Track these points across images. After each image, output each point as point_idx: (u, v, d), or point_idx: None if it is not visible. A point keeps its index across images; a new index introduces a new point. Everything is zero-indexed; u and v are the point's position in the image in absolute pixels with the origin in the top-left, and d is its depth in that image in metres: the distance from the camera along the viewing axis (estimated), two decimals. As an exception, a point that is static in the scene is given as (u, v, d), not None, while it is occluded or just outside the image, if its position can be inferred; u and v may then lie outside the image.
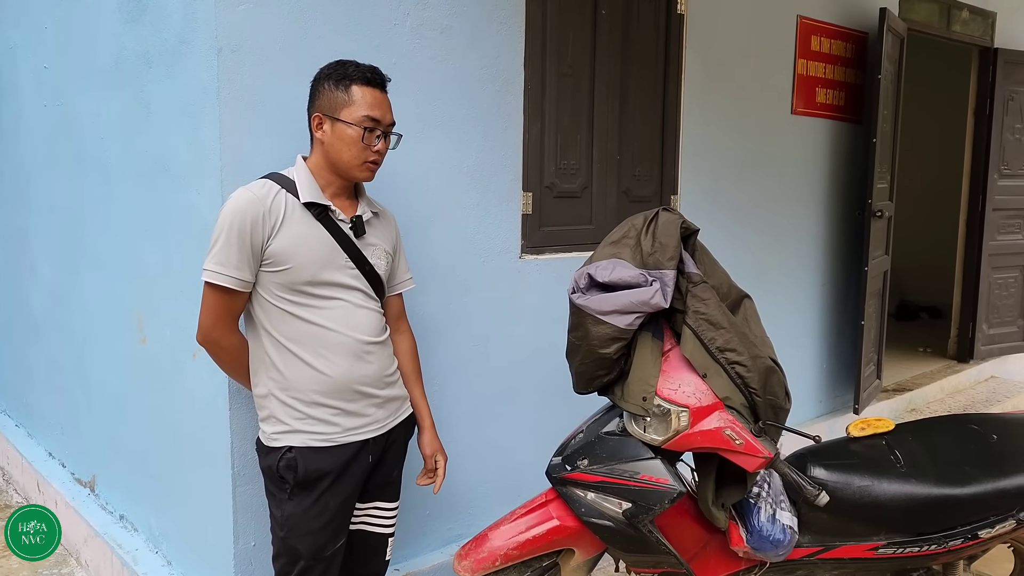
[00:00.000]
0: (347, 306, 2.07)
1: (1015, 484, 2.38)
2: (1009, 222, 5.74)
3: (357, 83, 2.03)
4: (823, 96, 4.28)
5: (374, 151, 2.06)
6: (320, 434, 2.05)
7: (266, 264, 1.99)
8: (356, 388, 2.08)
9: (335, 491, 2.09)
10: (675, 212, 2.30)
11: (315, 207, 2.04)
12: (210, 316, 2.03)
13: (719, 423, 2.16)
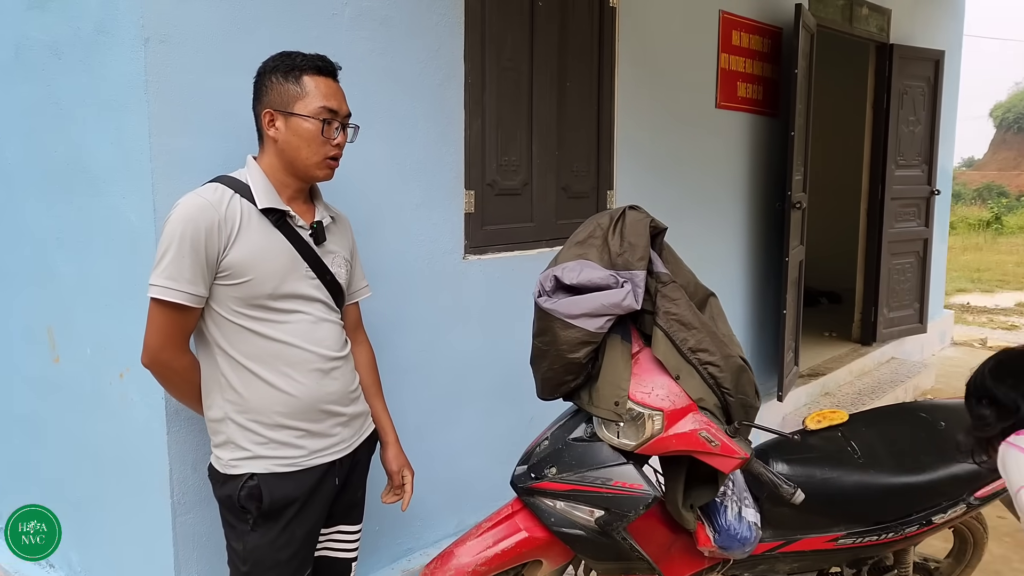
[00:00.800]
0: (310, 319, 1.91)
1: (965, 469, 2.46)
2: (905, 210, 6.02)
3: (308, 73, 1.87)
4: (743, 90, 4.35)
5: (334, 145, 1.90)
6: (284, 459, 1.88)
7: (222, 277, 1.80)
8: (322, 407, 1.93)
9: (302, 519, 1.93)
10: (642, 211, 2.25)
11: (273, 213, 1.86)
12: (159, 336, 1.81)
13: (694, 425, 2.12)
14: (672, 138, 3.93)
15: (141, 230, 2.16)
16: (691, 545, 2.39)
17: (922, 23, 6.22)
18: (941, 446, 2.52)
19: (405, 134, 2.73)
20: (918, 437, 2.57)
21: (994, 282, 14.38)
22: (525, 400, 3.29)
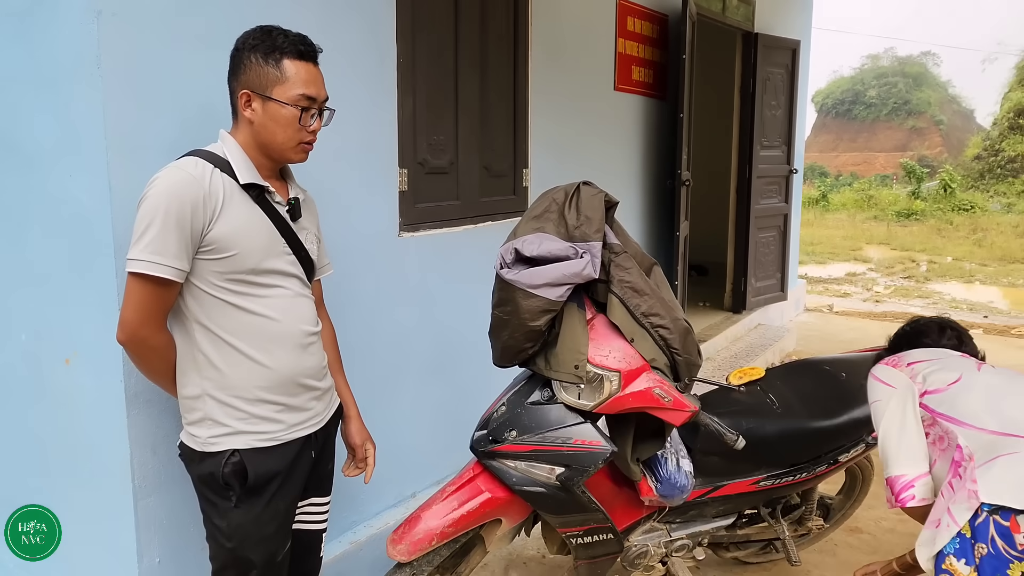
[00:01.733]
0: (289, 294, 1.93)
1: (864, 413, 2.77)
2: (768, 188, 6.53)
3: (289, 56, 1.85)
4: (637, 74, 4.60)
5: (310, 131, 1.90)
6: (265, 433, 1.90)
7: (205, 251, 1.79)
8: (300, 381, 1.96)
9: (284, 492, 1.96)
10: (595, 186, 2.40)
11: (253, 188, 1.87)
12: (138, 312, 1.77)
13: (648, 384, 2.31)
14: (577, 119, 4.12)
15: (94, 209, 2.09)
16: (634, 496, 2.59)
17: (781, 14, 6.73)
18: (844, 394, 2.85)
19: (344, 114, 2.73)
20: (825, 387, 2.89)
21: (826, 255, 15.72)
22: (458, 372, 3.42)
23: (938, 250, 16.24)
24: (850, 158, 38.52)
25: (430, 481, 3.30)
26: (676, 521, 2.78)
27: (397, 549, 2.40)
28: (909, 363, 2.22)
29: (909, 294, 11.39)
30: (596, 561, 2.62)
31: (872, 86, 42.37)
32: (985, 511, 1.84)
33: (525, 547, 3.38)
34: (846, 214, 22.55)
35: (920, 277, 13.25)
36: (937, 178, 24.80)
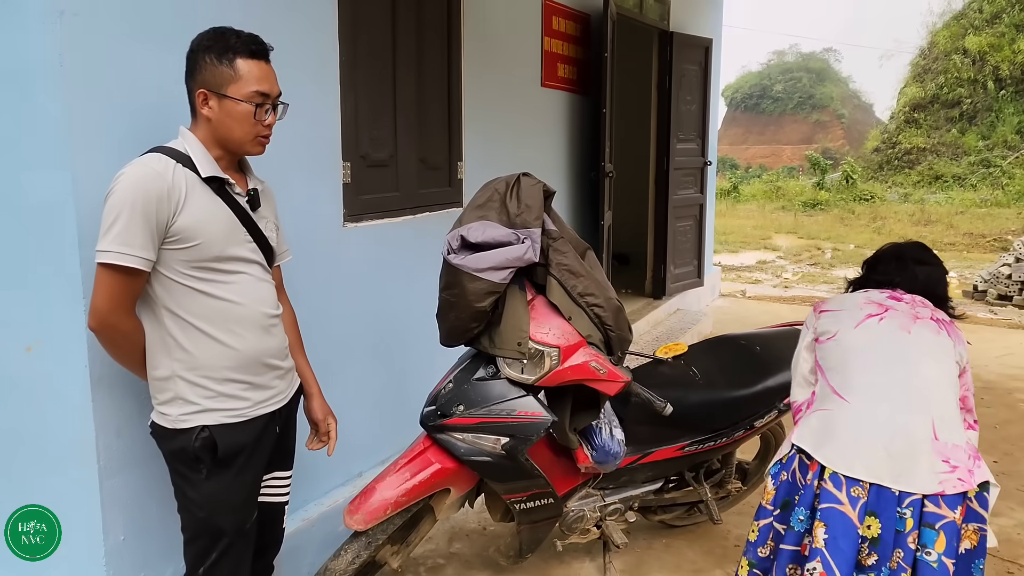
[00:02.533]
0: (251, 279, 2.07)
1: (776, 382, 3.08)
2: (685, 179, 6.86)
3: (242, 56, 1.97)
4: (562, 71, 4.82)
5: (265, 125, 2.03)
6: (232, 410, 2.04)
7: (170, 241, 1.91)
8: (264, 361, 2.10)
9: (251, 465, 2.11)
10: (533, 177, 2.60)
11: (214, 181, 1.99)
12: (109, 300, 1.89)
13: (585, 357, 2.53)
14: (507, 114, 4.31)
15: (57, 202, 2.17)
16: (571, 464, 2.81)
17: (693, 14, 7.06)
18: (758, 366, 3.13)
19: (291, 110, 2.82)
20: (742, 360, 3.17)
21: (737, 243, 16.33)
22: (401, 356, 3.57)
23: (841, 238, 17.08)
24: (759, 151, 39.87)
25: (376, 461, 3.45)
26: (609, 487, 3.01)
27: (354, 519, 2.56)
28: (821, 310, 2.46)
29: (815, 280, 12.01)
30: (537, 524, 2.83)
31: (778, 81, 43.86)
32: (795, 449, 2.18)
33: (467, 521, 3.56)
34: (756, 205, 23.40)
35: (825, 264, 13.95)
36: (840, 170, 25.94)
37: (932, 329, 2.19)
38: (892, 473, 1.99)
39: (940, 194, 23.16)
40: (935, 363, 2.13)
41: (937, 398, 2.08)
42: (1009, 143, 25.02)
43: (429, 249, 3.73)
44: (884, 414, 2.06)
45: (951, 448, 2.01)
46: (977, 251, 15.42)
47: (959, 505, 1.97)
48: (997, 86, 26.15)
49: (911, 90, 29.14)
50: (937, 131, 27.14)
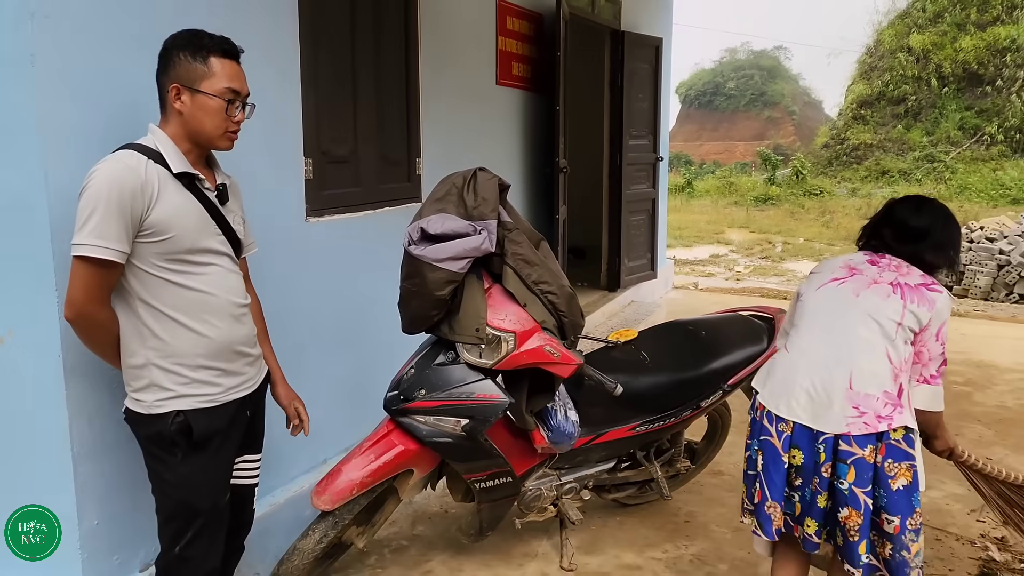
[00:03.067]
0: (221, 271, 2.17)
1: (721, 364, 3.26)
2: (638, 174, 7.05)
3: (215, 55, 2.08)
4: (516, 69, 4.97)
5: (235, 121, 2.14)
6: (206, 395, 2.15)
7: (144, 235, 2.00)
8: (235, 348, 2.20)
9: (226, 447, 2.23)
10: (489, 172, 2.74)
11: (185, 177, 2.09)
12: (84, 292, 1.99)
13: (540, 342, 2.68)
14: (464, 112, 4.44)
15: (30, 197, 2.24)
16: (528, 445, 2.95)
17: (644, 13, 7.25)
18: (704, 349, 3.31)
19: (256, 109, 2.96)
20: (689, 344, 3.34)
21: (691, 238, 16.66)
22: (362, 346, 3.68)
23: (792, 232, 17.52)
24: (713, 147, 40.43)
25: (340, 448, 3.56)
26: (565, 467, 3.16)
27: (321, 499, 2.68)
28: (809, 272, 2.72)
29: (766, 273, 12.35)
30: (497, 503, 2.97)
31: (731, 78, 44.50)
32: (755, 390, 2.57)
33: (429, 504, 3.69)
34: (709, 200, 23.84)
35: (776, 257, 14.33)
36: (790, 165, 26.51)
37: (883, 294, 2.39)
38: (810, 415, 2.35)
39: (887, 189, 23.79)
40: (872, 323, 2.36)
41: (861, 354, 2.35)
42: (952, 139, 25.81)
43: (389, 242, 3.85)
44: (811, 365, 2.41)
45: (863, 397, 2.30)
46: (921, 243, 15.89)
47: (870, 445, 2.28)
48: (940, 83, 26.95)
49: (858, 87, 29.86)
50: (883, 127, 27.87)
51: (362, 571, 3.16)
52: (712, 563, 3.24)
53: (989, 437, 4.58)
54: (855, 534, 2.30)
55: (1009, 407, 5.09)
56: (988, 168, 23.44)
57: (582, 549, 3.32)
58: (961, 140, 25.61)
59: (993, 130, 24.89)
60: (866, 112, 28.63)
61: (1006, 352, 6.29)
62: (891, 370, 2.34)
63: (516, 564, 3.22)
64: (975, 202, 20.58)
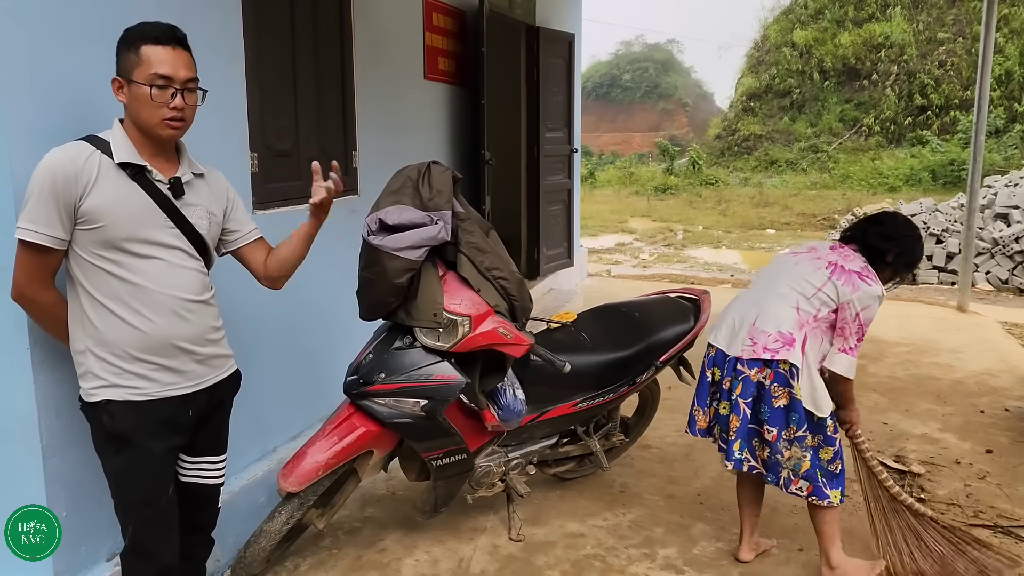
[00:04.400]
0: (165, 264, 2.15)
1: (653, 342, 3.51)
2: (554, 166, 7.28)
3: (146, 43, 2.07)
4: (443, 64, 5.09)
5: (170, 108, 2.09)
6: (137, 389, 2.13)
7: (80, 222, 2.04)
8: (175, 344, 2.17)
9: (157, 444, 2.18)
10: (442, 165, 2.88)
11: (130, 167, 2.10)
12: (23, 274, 2.07)
13: (493, 324, 2.85)
14: (395, 106, 4.54)
15: (-3, 192, 2.26)
16: (479, 424, 3.12)
17: (557, 9, 7.47)
18: (638, 329, 3.55)
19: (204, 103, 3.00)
20: (624, 324, 3.58)
21: (597, 227, 17.10)
22: (308, 337, 3.76)
23: (691, 220, 18.22)
24: (611, 138, 41.34)
25: (289, 436, 3.64)
26: (512, 444, 3.34)
27: (288, 481, 2.78)
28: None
29: (670, 260, 12.85)
30: (452, 479, 3.13)
31: (627, 71, 45.58)
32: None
33: (376, 488, 3.81)
34: (612, 190, 24.46)
35: (678, 244, 14.91)
36: (687, 156, 27.48)
37: (816, 266, 2.91)
38: (727, 341, 2.97)
39: (776, 178, 25.01)
40: (794, 282, 2.91)
41: (771, 302, 2.91)
42: (833, 130, 27.31)
43: (330, 235, 3.92)
44: (738, 306, 3.04)
45: (759, 332, 2.88)
46: (810, 229, 16.86)
47: (756, 367, 2.85)
48: (822, 77, 28.44)
49: (747, 80, 31.18)
50: (771, 119, 29.21)
51: (318, 553, 3.26)
52: (649, 527, 3.48)
53: (884, 404, 5.02)
54: (733, 434, 2.91)
55: (899, 377, 5.58)
56: (867, 158, 24.92)
57: (528, 521, 3.51)
58: (842, 131, 27.12)
59: (870, 122, 26.48)
60: (755, 104, 29.93)
61: (893, 328, 6.84)
62: (796, 319, 2.85)
63: (467, 538, 3.38)
64: (856, 190, 21.88)
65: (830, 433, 2.86)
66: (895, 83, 26.66)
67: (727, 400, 2.94)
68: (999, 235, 10.70)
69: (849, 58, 27.79)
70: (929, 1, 27.46)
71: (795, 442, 2.83)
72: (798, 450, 2.84)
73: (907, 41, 26.70)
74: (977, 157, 6.96)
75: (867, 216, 3.15)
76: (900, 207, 12.72)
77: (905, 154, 24.36)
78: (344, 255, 3.92)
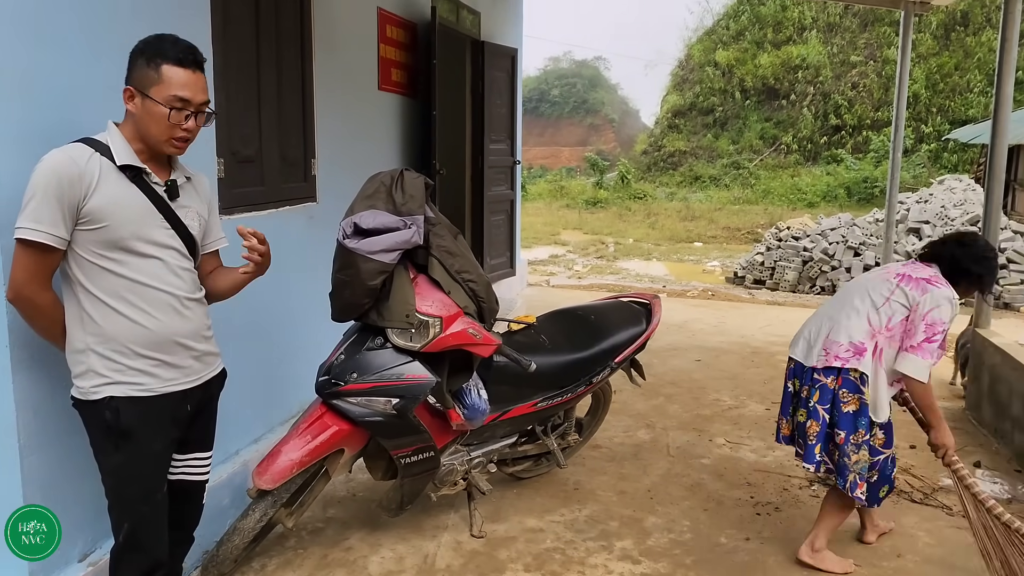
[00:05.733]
0: (164, 263, 2.21)
1: (609, 344, 3.68)
2: (497, 176, 7.43)
3: (169, 63, 2.13)
4: (396, 75, 5.19)
5: (183, 129, 2.17)
6: (141, 385, 2.19)
7: (82, 223, 2.08)
8: (176, 340, 2.24)
9: (159, 438, 2.25)
10: (413, 171, 3.00)
11: (130, 170, 2.15)
12: (23, 273, 2.07)
13: (463, 325, 2.97)
14: (351, 115, 4.62)
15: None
16: (445, 423, 3.22)
17: (500, 24, 7.64)
18: (594, 331, 3.71)
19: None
20: (581, 327, 3.74)
21: (530, 239, 17.33)
22: (266, 343, 3.80)
23: (621, 233, 18.66)
24: (539, 152, 41.78)
25: (250, 439, 3.67)
26: (474, 443, 3.46)
27: (263, 479, 2.83)
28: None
29: (603, 271, 13.17)
30: (418, 477, 3.22)
31: (555, 86, 46.19)
32: None
33: (337, 490, 3.87)
34: (543, 203, 24.79)
35: (610, 256, 15.27)
36: (616, 170, 28.05)
37: (885, 278, 3.15)
38: (804, 353, 3.20)
39: (700, 193, 25.78)
40: (864, 296, 3.13)
41: (845, 316, 3.12)
42: (754, 147, 28.32)
43: (291, 241, 4.00)
44: (815, 320, 3.29)
45: (832, 343, 3.10)
46: (735, 243, 17.47)
47: (831, 376, 3.07)
48: (743, 96, 29.47)
49: (672, 98, 32.04)
50: (696, 136, 30.10)
51: (284, 552, 3.30)
52: (604, 521, 3.64)
53: (815, 404, 5.31)
54: (812, 438, 3.10)
55: (827, 379, 5.90)
56: (787, 174, 25.93)
57: (488, 518, 3.62)
58: (762, 149, 28.14)
59: (789, 140, 27.56)
60: (680, 121, 30.79)
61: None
62: (867, 330, 3.06)
63: (430, 536, 3.48)
64: (777, 205, 22.75)
65: (878, 445, 3.07)
66: (811, 103, 27.83)
67: (804, 408, 3.14)
68: (911, 248, 11.32)
69: (768, 78, 28.87)
70: (842, 25, 28.80)
71: (863, 446, 3.04)
72: (865, 454, 3.04)
73: (822, 63, 27.93)
74: (895, 174, 7.40)
75: (951, 237, 3.29)
76: (821, 221, 13.31)
77: (821, 171, 25.45)
78: (304, 260, 3.99)
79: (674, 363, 6.29)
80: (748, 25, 30.64)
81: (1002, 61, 5.01)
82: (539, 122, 45.07)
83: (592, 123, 44.68)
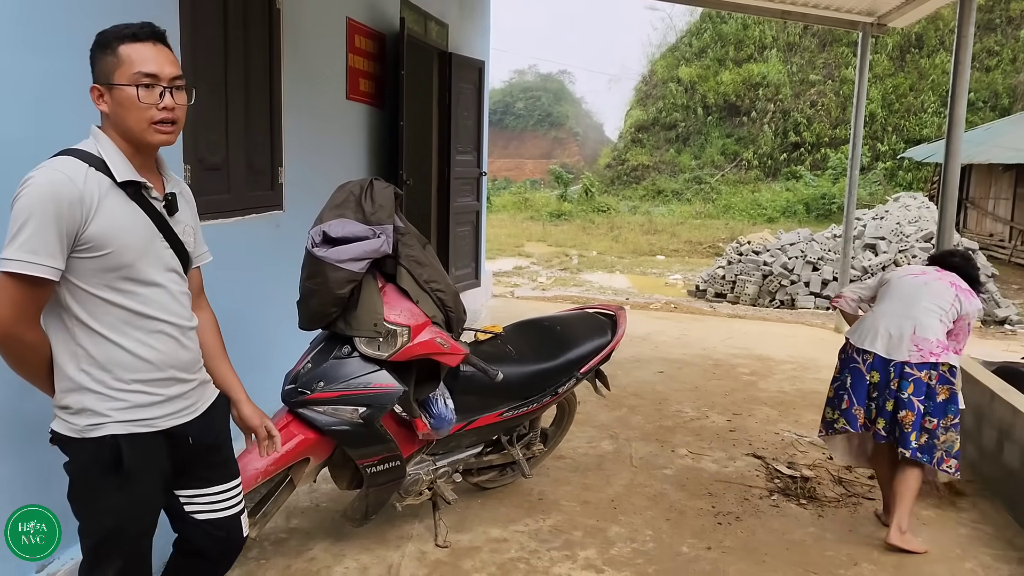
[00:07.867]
0: (167, 290, 2.00)
1: (575, 355, 3.72)
2: (463, 188, 7.45)
3: (124, 42, 1.89)
4: (364, 85, 5.20)
5: (160, 109, 1.90)
6: (142, 420, 1.98)
7: (81, 250, 1.84)
8: (175, 375, 2.04)
9: (160, 475, 2.05)
10: (383, 181, 3.01)
11: (130, 186, 1.92)
12: (13, 310, 1.80)
13: (431, 335, 2.98)
14: (319, 124, 4.62)
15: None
16: (411, 433, 3.23)
17: (468, 37, 7.68)
18: (560, 342, 3.75)
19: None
20: (547, 337, 3.77)
21: (495, 251, 17.37)
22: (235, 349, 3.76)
23: (585, 245, 18.79)
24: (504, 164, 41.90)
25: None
26: (439, 453, 3.47)
27: (228, 489, 2.79)
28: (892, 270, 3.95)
29: (567, 283, 13.24)
30: (384, 486, 3.21)
31: (520, 99, 46.42)
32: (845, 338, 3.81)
33: (300, 501, 3.84)
34: (507, 215, 24.87)
35: (573, 269, 15.36)
36: (580, 183, 28.25)
37: (943, 285, 3.61)
38: (885, 349, 3.54)
39: (663, 207, 26.07)
40: (930, 298, 3.58)
41: (923, 315, 3.54)
42: (716, 163, 28.75)
43: (257, 250, 3.98)
44: (890, 318, 3.60)
45: (922, 340, 3.50)
46: (696, 256, 17.69)
47: (925, 370, 3.48)
48: (705, 112, 29.93)
49: (636, 112, 32.41)
50: (658, 150, 30.47)
51: (246, 564, 3.27)
52: (568, 531, 3.66)
53: (775, 416, 5.40)
54: (909, 427, 3.48)
55: (787, 391, 6.01)
56: (747, 190, 26.35)
57: (453, 528, 3.62)
58: (723, 164, 28.57)
59: (749, 156, 28.03)
60: (643, 136, 31.15)
61: (780, 347, 7.34)
62: (942, 329, 3.54)
63: (394, 546, 3.47)
64: (738, 220, 23.10)
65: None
66: (771, 120, 28.36)
67: (892, 398, 3.51)
68: (868, 264, 11.57)
69: (730, 95, 29.37)
70: (802, 45, 29.43)
71: (951, 428, 3.51)
72: (953, 434, 3.52)
73: (782, 81, 28.49)
74: (852, 190, 7.58)
75: (958, 252, 3.93)
76: (780, 236, 13.55)
77: (781, 187, 25.91)
78: (271, 268, 3.98)
79: (637, 375, 6.35)
80: (710, 43, 31.16)
81: (955, 83, 5.18)
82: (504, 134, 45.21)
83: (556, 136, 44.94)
